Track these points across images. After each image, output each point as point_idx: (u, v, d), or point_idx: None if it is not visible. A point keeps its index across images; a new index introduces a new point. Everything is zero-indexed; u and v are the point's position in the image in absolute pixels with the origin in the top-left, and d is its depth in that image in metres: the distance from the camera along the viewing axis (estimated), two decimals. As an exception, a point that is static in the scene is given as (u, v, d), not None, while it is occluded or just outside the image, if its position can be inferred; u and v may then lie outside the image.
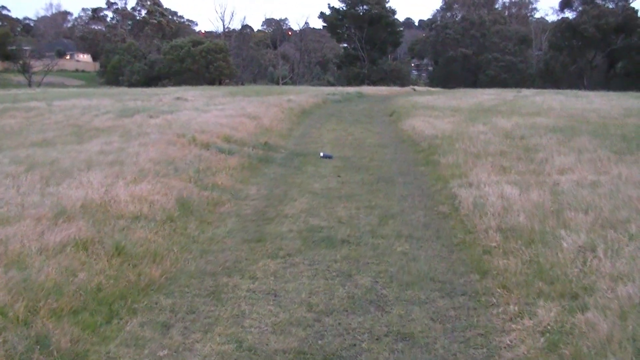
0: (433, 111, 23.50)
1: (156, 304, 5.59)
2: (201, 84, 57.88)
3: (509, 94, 37.00)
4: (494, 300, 5.66)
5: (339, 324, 5.23)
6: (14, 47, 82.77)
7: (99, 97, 31.06)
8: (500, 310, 5.44)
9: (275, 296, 5.83)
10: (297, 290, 5.97)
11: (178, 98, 29.02)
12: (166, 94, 33.19)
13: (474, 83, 73.63)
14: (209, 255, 6.98)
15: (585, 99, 31.48)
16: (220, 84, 67.05)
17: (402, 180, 11.40)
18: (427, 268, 6.57)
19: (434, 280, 6.22)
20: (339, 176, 11.70)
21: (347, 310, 5.50)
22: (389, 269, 6.55)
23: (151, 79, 70.61)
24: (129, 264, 6.20)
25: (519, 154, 12.63)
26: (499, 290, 5.84)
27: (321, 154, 14.05)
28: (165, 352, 4.72)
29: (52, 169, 9.96)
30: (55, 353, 4.46)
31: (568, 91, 42.03)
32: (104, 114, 20.30)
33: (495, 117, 19.96)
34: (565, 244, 6.58)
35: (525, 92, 39.96)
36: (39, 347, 4.47)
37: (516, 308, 5.36)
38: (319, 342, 4.90)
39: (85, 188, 8.60)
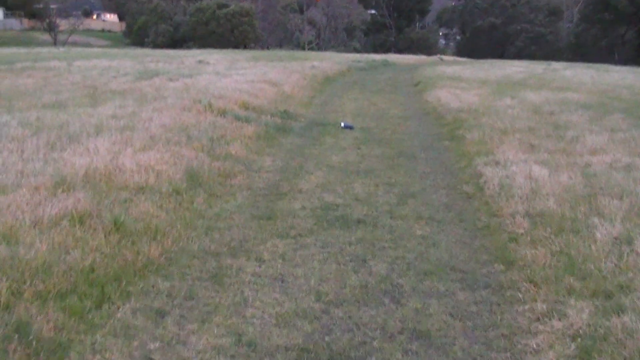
0: (460, 82, 22.86)
1: (153, 287, 5.14)
2: (226, 47, 57.36)
3: (538, 66, 36.12)
4: (520, 296, 5.16)
5: (349, 317, 4.78)
6: (40, 6, 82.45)
7: (121, 58, 30.72)
8: (526, 307, 4.95)
9: (282, 282, 5.38)
10: (305, 276, 5.52)
11: (200, 61, 28.57)
12: (189, 57, 32.79)
13: (502, 54, 72.50)
14: (215, 233, 6.52)
15: (617, 74, 30.65)
16: (245, 47, 66.35)
17: (424, 155, 10.89)
18: (447, 255, 6.09)
19: (454, 270, 5.74)
20: (358, 149, 11.21)
21: (358, 302, 5.04)
22: (407, 255, 6.08)
23: (176, 41, 70.14)
24: (128, 241, 5.76)
25: (548, 131, 12.07)
26: (525, 284, 5.35)
27: (342, 124, 13.54)
28: (157, 344, 4.28)
29: (59, 133, 9.54)
30: (34, 343, 4.02)
31: (599, 65, 40.99)
32: (123, 76, 19.90)
33: (523, 91, 19.34)
34: (598, 234, 6.08)
35: (555, 65, 38.98)
36: (17, 335, 4.06)
37: (544, 306, 4.87)
38: (326, 338, 4.45)
39: (91, 155, 8.20)
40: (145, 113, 11.67)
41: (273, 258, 5.90)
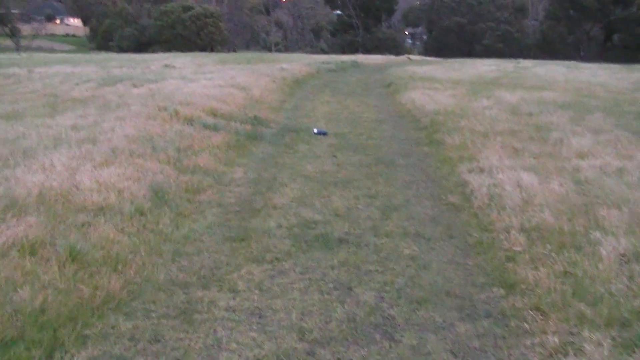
0: (432, 83, 22.35)
1: (113, 328, 4.50)
2: (192, 51, 56.63)
3: (508, 64, 35.88)
4: (527, 327, 4.59)
5: (338, 359, 4.20)
6: (1, 11, 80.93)
7: (84, 63, 29.95)
8: (535, 341, 4.38)
9: (259, 317, 4.75)
10: (286, 309, 4.90)
11: (166, 65, 27.90)
12: (154, 61, 32.10)
13: (469, 53, 72.44)
14: (183, 259, 5.88)
15: (588, 71, 30.48)
16: (212, 50, 65.63)
17: (404, 162, 10.31)
18: (441, 279, 5.51)
19: (450, 296, 5.17)
20: (334, 156, 10.62)
21: (347, 339, 4.44)
22: (396, 279, 5.49)
23: (142, 45, 69.21)
24: (85, 273, 5.11)
25: (530, 133, 11.59)
26: (531, 312, 4.77)
27: (315, 130, 12.93)
28: (117, 403, 3.68)
29: (13, 148, 8.87)
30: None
31: (568, 62, 40.86)
32: (85, 83, 19.18)
33: (498, 90, 18.89)
34: (603, 251, 5.57)
35: (525, 63, 38.84)
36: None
37: (556, 339, 4.30)
38: (313, 387, 3.88)
39: (47, 172, 7.53)
40: (108, 123, 11.01)
41: (248, 288, 5.27)
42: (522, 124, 12.68)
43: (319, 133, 12.76)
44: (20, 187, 6.81)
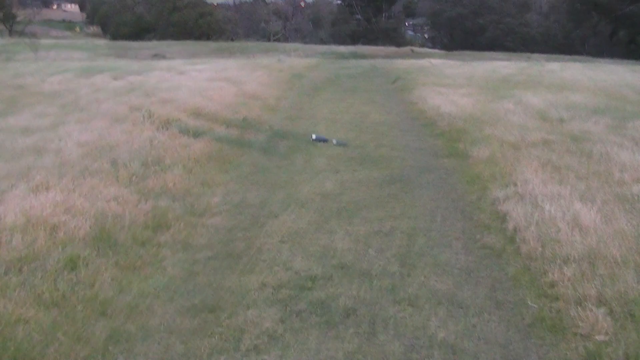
0: (442, 79, 20.49)
1: None
2: (189, 39, 54.92)
3: (521, 59, 34.10)
4: None
5: None
6: (-4, -5, 79.14)
7: (70, 50, 28.06)
8: None
9: None
10: None
11: (156, 55, 26.09)
12: (145, 49, 30.28)
13: (473, 45, 70.62)
14: (118, 350, 3.98)
15: (606, 67, 28.71)
16: (208, 39, 63.82)
17: (423, 180, 8.40)
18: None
19: None
20: (337, 172, 8.78)
21: None
22: (431, 393, 3.66)
23: (138, 32, 67.48)
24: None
25: (567, 144, 9.76)
26: None
27: (313, 137, 11.05)
28: None
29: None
30: None
31: (580, 57, 39.21)
32: (61, 73, 17.37)
33: (518, 91, 17.03)
34: None
35: (536, 56, 37.12)
36: None
37: None
38: None
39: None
40: (67, 126, 9.23)
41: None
42: (555, 132, 10.85)
43: (318, 140, 10.90)
44: None
